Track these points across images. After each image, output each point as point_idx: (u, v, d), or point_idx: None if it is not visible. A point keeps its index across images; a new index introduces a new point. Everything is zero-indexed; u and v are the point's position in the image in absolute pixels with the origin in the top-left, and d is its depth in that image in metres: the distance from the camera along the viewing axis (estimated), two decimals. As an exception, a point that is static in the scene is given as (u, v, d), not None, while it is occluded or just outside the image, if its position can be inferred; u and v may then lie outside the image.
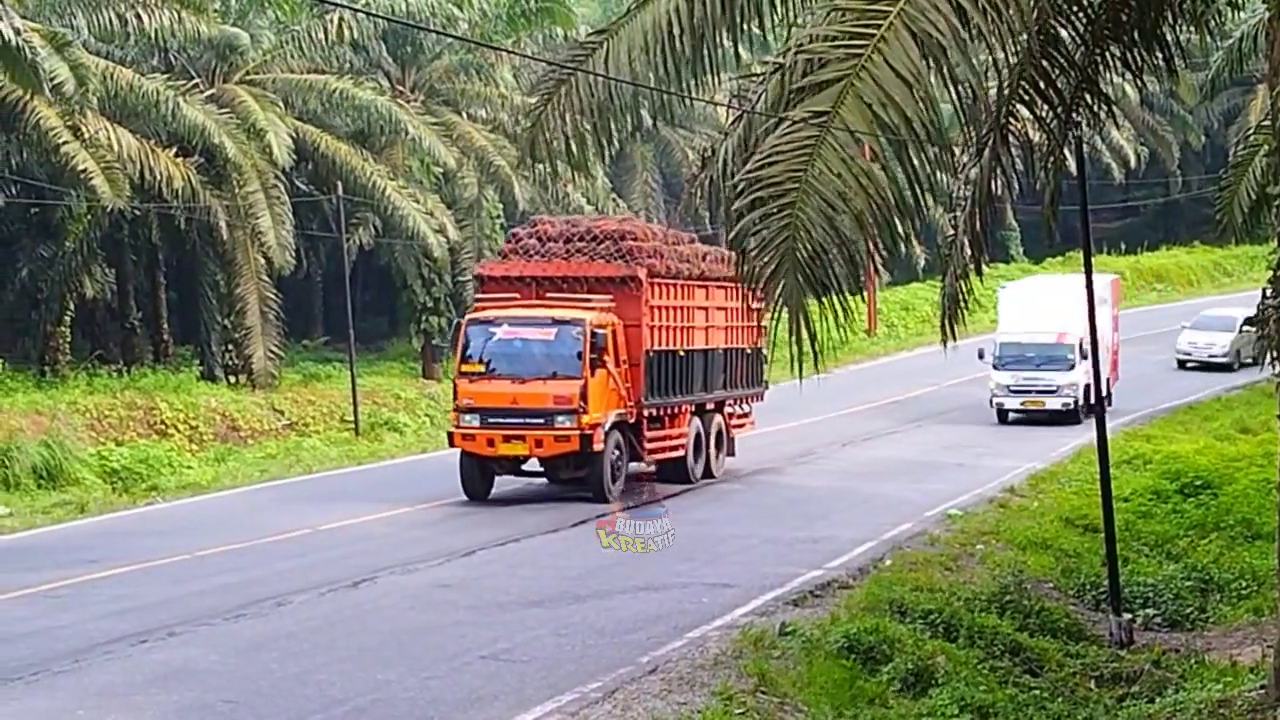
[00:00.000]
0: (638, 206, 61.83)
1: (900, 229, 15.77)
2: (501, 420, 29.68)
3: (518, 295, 31.06)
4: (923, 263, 65.00)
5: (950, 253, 21.05)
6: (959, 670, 17.90)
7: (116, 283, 48.06)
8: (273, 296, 46.03)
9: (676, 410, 32.36)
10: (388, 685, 16.75)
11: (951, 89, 16.39)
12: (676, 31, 17.32)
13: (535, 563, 24.42)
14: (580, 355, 29.74)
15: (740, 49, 20.27)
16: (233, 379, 45.65)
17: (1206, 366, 55.39)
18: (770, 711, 16.03)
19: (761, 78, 19.09)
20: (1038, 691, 18.13)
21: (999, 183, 19.47)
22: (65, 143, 39.11)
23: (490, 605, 20.87)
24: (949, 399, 47.10)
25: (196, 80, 43.82)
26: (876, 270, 17.17)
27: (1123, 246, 78.33)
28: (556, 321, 30.07)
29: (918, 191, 15.84)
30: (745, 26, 18.37)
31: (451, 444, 30.51)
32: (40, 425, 35.43)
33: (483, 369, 30.14)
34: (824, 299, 15.20)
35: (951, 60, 15.33)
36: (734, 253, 17.99)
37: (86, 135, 39.50)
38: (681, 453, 32.49)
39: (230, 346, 46.46)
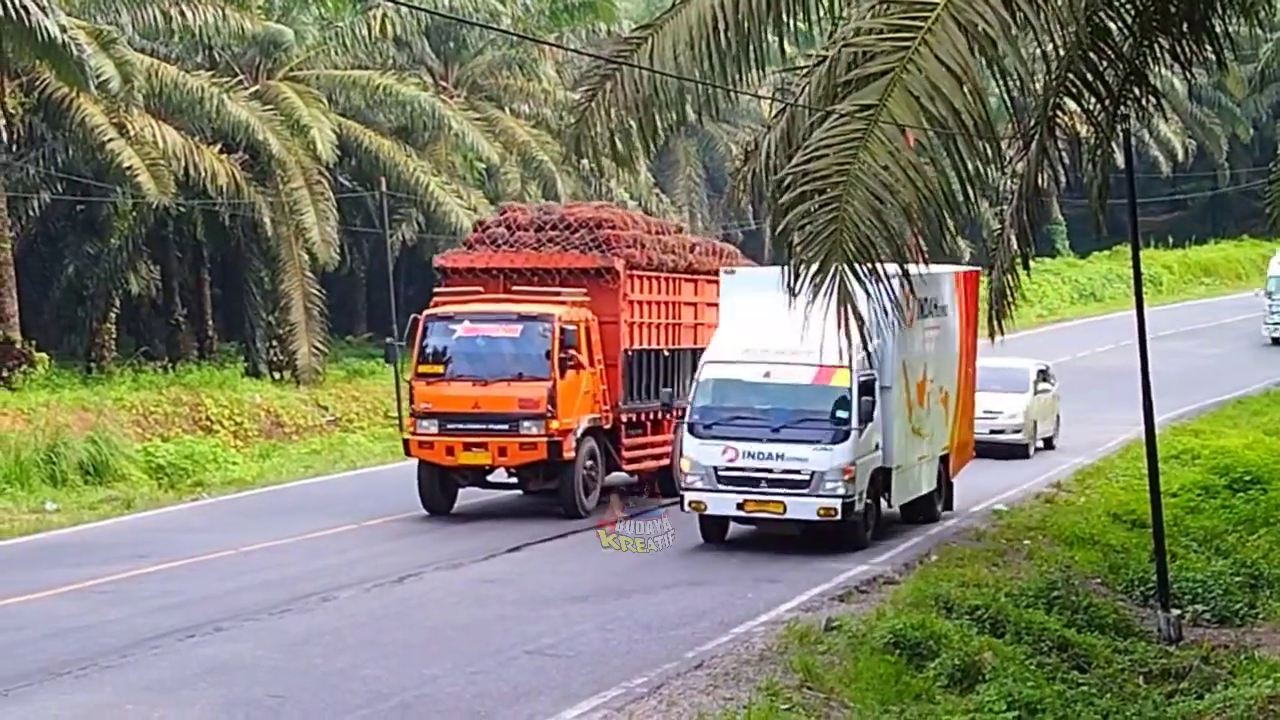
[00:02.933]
0: (681, 202, 61.79)
1: (947, 222, 15.72)
2: (462, 426, 26.92)
3: (481, 289, 28.24)
4: (967, 256, 64.67)
5: (997, 247, 21.00)
6: (1006, 666, 17.82)
7: (161, 279, 48.23)
8: (316, 292, 46.11)
9: (660, 415, 29.36)
10: (433, 680, 16.74)
11: (999, 81, 16.33)
12: (721, 26, 17.31)
13: (579, 558, 24.40)
14: (548, 354, 26.95)
15: (785, 43, 20.21)
16: (277, 375, 45.75)
17: None
18: (816, 707, 15.97)
19: (806, 71, 19.05)
20: (1085, 688, 18.04)
21: (1046, 176, 19.40)
22: (110, 140, 39.27)
23: (535, 600, 20.85)
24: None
25: (240, 77, 43.94)
26: (922, 264, 17.11)
27: (1170, 240, 77.92)
28: (522, 317, 27.29)
29: (965, 184, 15.78)
30: (790, 20, 18.33)
31: (408, 453, 27.81)
32: (87, 421, 35.56)
33: (442, 370, 27.40)
34: (869, 293, 15.16)
35: (999, 52, 15.27)
36: (780, 246, 17.93)
37: (132, 132, 39.64)
38: (666, 462, 29.17)
39: (274, 342, 46.57)
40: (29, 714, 15.45)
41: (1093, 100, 19.26)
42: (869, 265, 14.76)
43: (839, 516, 23.82)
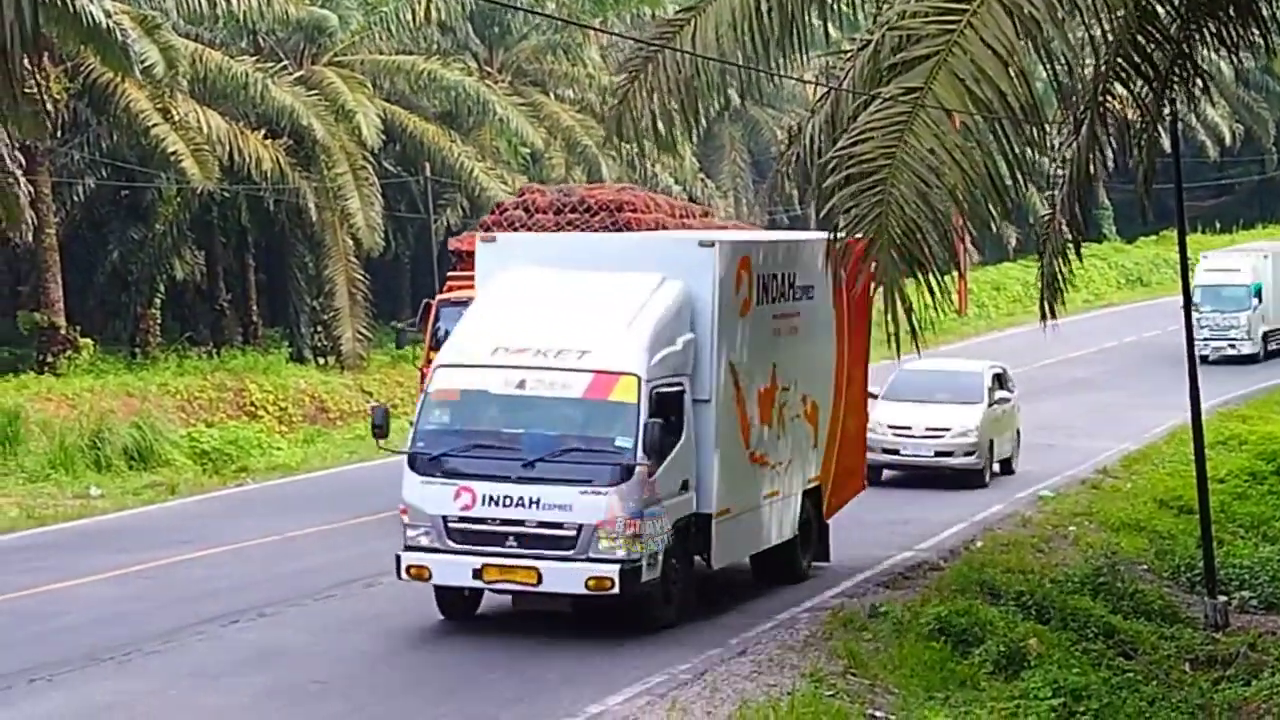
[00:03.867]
0: (726, 187, 61.64)
1: (994, 206, 15.63)
2: None
3: None
4: (1014, 242, 64.45)
5: (1047, 232, 20.86)
6: (1051, 653, 17.76)
7: (206, 265, 48.34)
8: (361, 278, 46.14)
9: None
10: (478, 666, 16.74)
11: (1047, 65, 16.22)
12: (765, 8, 17.23)
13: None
14: None
15: (829, 26, 20.12)
16: (321, 360, 45.81)
17: None
18: (860, 693, 15.92)
19: (850, 55, 18.95)
20: (1131, 674, 17.98)
21: (1095, 161, 19.25)
22: (155, 125, 39.34)
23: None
24: (1040, 380, 46.51)
25: (285, 62, 43.96)
26: (967, 249, 17.04)
27: (1217, 225, 77.41)
28: None
29: (1011, 169, 15.70)
30: (834, 3, 18.24)
31: None
32: (131, 407, 35.66)
33: None
34: (918, 276, 15.09)
35: (1047, 35, 15.17)
36: (825, 231, 17.83)
37: (176, 117, 39.71)
38: None
39: (319, 328, 46.62)
40: (73, 700, 15.50)
41: (1141, 84, 19.11)
42: (914, 248, 14.67)
43: (616, 589, 17.29)
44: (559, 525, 17.40)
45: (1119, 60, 18.45)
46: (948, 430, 29.56)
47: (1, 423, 32.13)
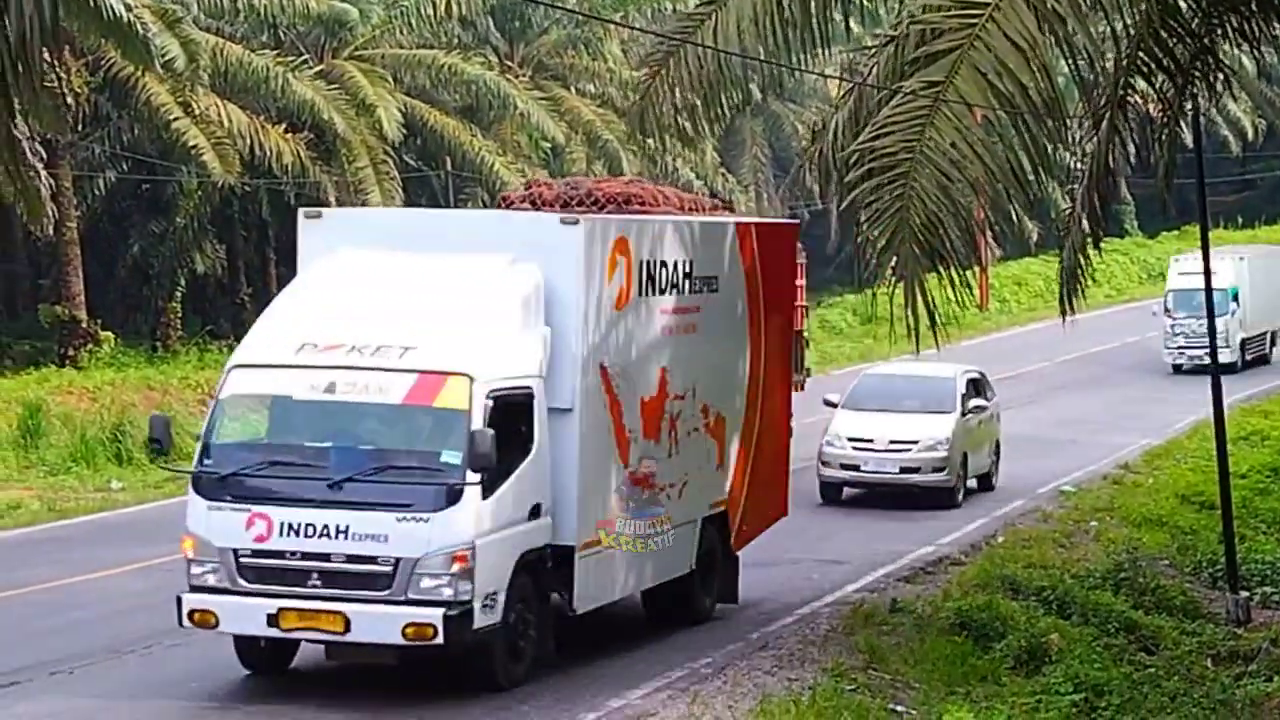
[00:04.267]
0: (747, 181, 61.56)
1: (1015, 201, 15.61)
2: None
3: None
4: (1035, 237, 64.28)
5: (1067, 227, 20.82)
6: (1073, 648, 17.74)
7: (227, 258, 48.36)
8: (381, 271, 46.16)
9: None
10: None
11: (1069, 60, 16.19)
12: (787, 2, 17.19)
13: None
14: None
15: (850, 21, 20.07)
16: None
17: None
18: (881, 688, 15.91)
19: (873, 50, 18.94)
20: (1153, 670, 17.95)
21: (1116, 156, 19.22)
22: (176, 119, 39.38)
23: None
24: (1062, 375, 46.53)
25: (306, 56, 43.98)
26: (989, 244, 17.02)
27: (1239, 220, 77.20)
28: None
29: (1033, 163, 15.68)
30: (856, -2, 18.21)
31: None
32: (152, 400, 35.71)
33: None
34: (939, 270, 15.06)
35: (1069, 30, 15.14)
36: (847, 224, 17.82)
37: (197, 111, 39.75)
38: None
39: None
40: (94, 692, 15.55)
41: (1162, 79, 19.06)
42: (935, 242, 14.66)
43: (440, 638, 14.60)
44: (372, 559, 14.59)
45: (1140, 54, 18.39)
46: (914, 444, 26.54)
47: (23, 416, 32.23)
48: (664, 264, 17.51)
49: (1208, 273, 22.71)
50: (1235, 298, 47.12)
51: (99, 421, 32.68)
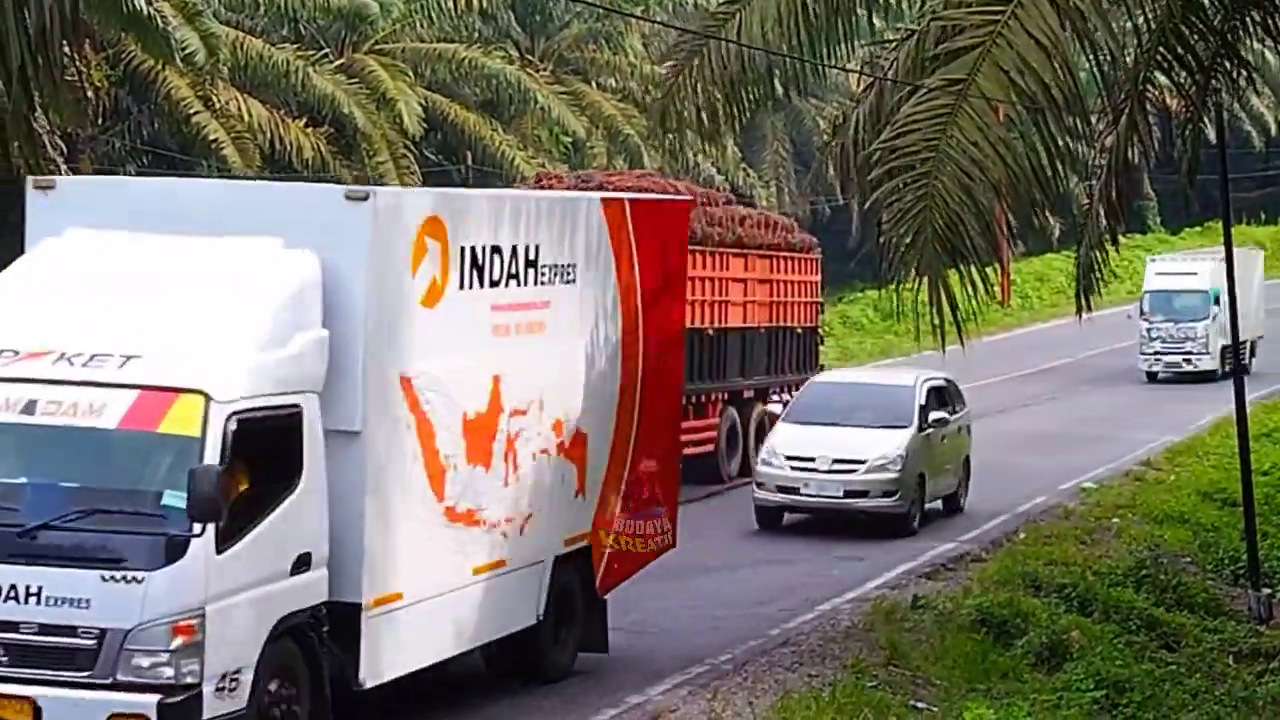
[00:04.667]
0: (768, 176, 61.54)
1: (1037, 198, 15.60)
2: None
3: None
4: (1057, 233, 64.12)
5: (1085, 222, 20.79)
6: (1094, 645, 17.73)
7: (248, 252, 48.50)
8: (402, 266, 46.23)
9: (704, 398, 27.58)
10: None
11: (1089, 55, 16.18)
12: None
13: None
14: None
15: (873, 17, 20.06)
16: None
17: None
18: (902, 684, 15.91)
19: (894, 44, 18.93)
20: (1174, 667, 17.92)
21: (1136, 151, 19.20)
22: (196, 113, 39.44)
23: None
24: (1085, 371, 46.53)
25: (326, 50, 44.03)
26: (1010, 241, 17.01)
27: (1263, 216, 77.06)
28: None
29: (1055, 160, 15.66)
30: (879, -6, 18.21)
31: None
32: (175, 393, 35.82)
33: None
34: (961, 269, 15.06)
35: (1090, 26, 15.13)
36: (869, 223, 17.82)
37: (217, 105, 39.81)
38: (709, 448, 27.45)
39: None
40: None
41: (1184, 74, 19.03)
42: (957, 240, 14.66)
43: None
44: (70, 630, 11.37)
45: (1161, 50, 18.37)
46: (860, 463, 23.58)
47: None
48: (497, 250, 14.38)
49: (1231, 272, 22.67)
50: (1217, 300, 43.31)
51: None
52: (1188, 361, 44.67)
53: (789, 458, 24.01)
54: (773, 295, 30.01)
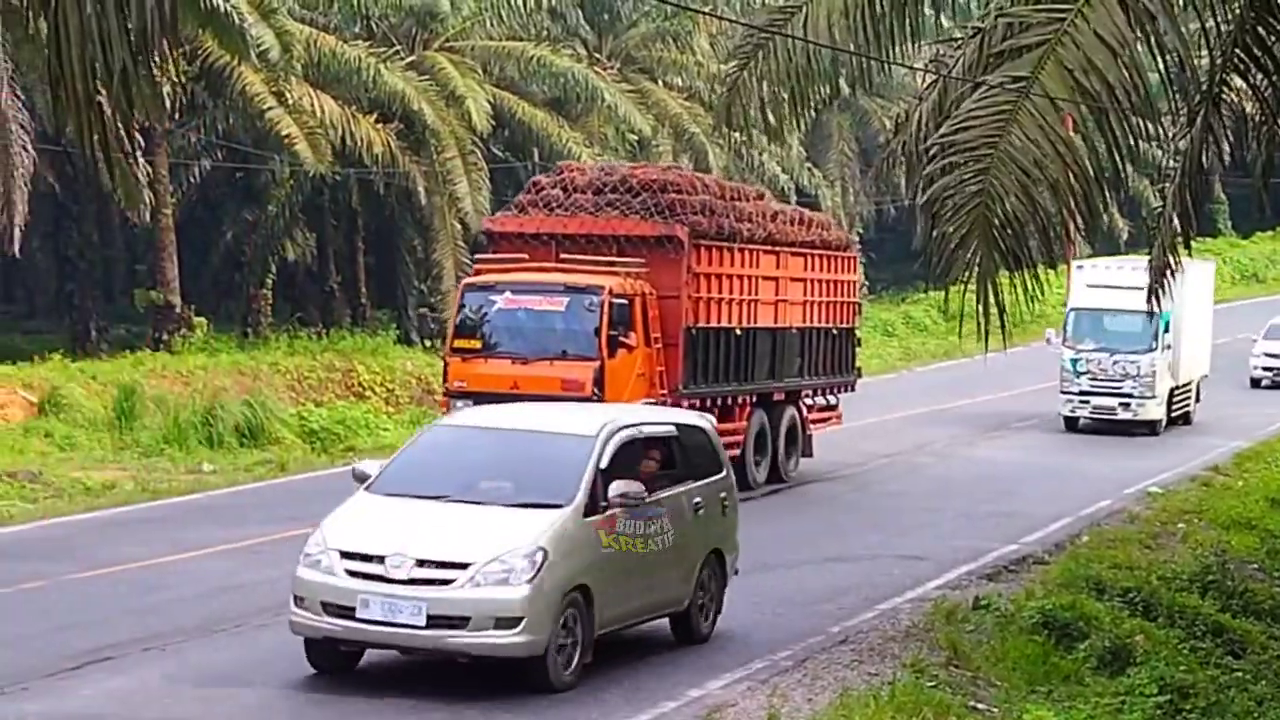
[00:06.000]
0: (833, 176, 61.44)
1: (1100, 200, 15.52)
2: None
3: (527, 256, 25.62)
4: (1125, 235, 63.85)
5: (1157, 225, 20.67)
6: (1158, 650, 17.61)
7: (317, 247, 48.81)
8: (469, 262, 46.25)
9: (731, 401, 26.87)
10: (578, 648, 16.77)
11: (1159, 58, 16.08)
12: (877, -4, 17.17)
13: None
14: (597, 331, 24.31)
15: (941, 15, 20.02)
16: (428, 343, 46.13)
17: None
18: (962, 685, 15.86)
19: (959, 43, 18.89)
20: (1240, 673, 17.79)
21: (1210, 154, 19.08)
22: (270, 108, 39.77)
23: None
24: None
25: (397, 47, 44.27)
26: (1076, 241, 16.94)
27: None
28: (569, 289, 24.64)
29: (1119, 161, 15.57)
30: (946, -10, 18.17)
31: None
32: (243, 385, 36.11)
33: (479, 345, 25.04)
34: (1014, 269, 14.99)
35: (1160, 27, 15.04)
36: (926, 218, 17.74)
37: (290, 101, 40.12)
38: (735, 452, 25.98)
39: (426, 311, 46.98)
40: (183, 668, 15.74)
41: (1260, 77, 18.90)
42: (1011, 240, 14.59)
43: None
44: None
45: (1237, 52, 18.25)
46: (460, 569, 14.30)
47: (118, 398, 32.72)
48: None
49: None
50: (1167, 326, 35.28)
51: (191, 405, 33.10)
52: (1125, 406, 35.28)
53: (345, 554, 14.60)
54: (806, 294, 29.08)
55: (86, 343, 40.41)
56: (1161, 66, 16.50)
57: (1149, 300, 19.20)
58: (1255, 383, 46.25)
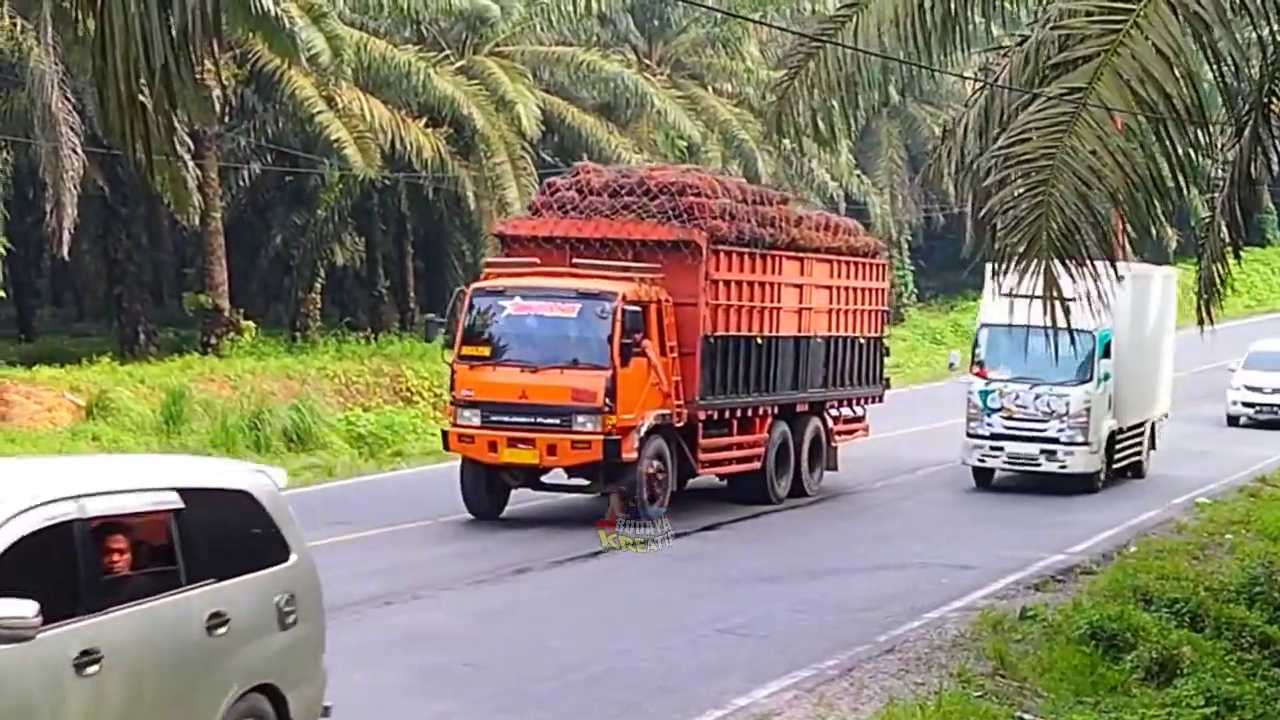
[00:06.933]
0: (882, 184, 61.38)
1: (1156, 209, 15.49)
2: (507, 419, 23.67)
3: (538, 260, 24.83)
4: (1174, 245, 63.57)
5: (1206, 235, 20.59)
6: (1205, 661, 17.52)
7: (365, 251, 49.00)
8: (518, 267, 46.49)
9: (751, 413, 26.15)
10: (623, 655, 16.84)
11: (1213, 66, 16.04)
12: (928, 5, 17.17)
13: (770, 539, 24.37)
14: (609, 339, 23.52)
15: (991, 25, 19.98)
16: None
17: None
18: (1009, 695, 15.83)
19: (1007, 51, 18.86)
20: (1287, 686, 17.67)
21: (1259, 164, 19.00)
22: (319, 112, 39.94)
23: (725, 579, 20.87)
24: (1199, 384, 45.96)
25: (447, 52, 44.41)
26: (1125, 251, 16.89)
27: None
28: (580, 295, 23.83)
29: (1175, 170, 15.54)
30: (997, 0, 18.15)
31: (447, 446, 24.75)
32: (291, 389, 36.24)
33: (487, 353, 24.23)
34: (1075, 280, 14.98)
35: (1214, 36, 14.99)
36: (984, 229, 17.71)
37: (340, 105, 40.29)
38: (756, 465, 26.12)
39: (475, 315, 47.02)
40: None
41: (1310, 86, 18.80)
42: (1073, 249, 14.58)
43: None
44: None
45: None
46: None
47: (167, 402, 32.87)
48: None
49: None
50: (1107, 350, 28.23)
51: (239, 409, 33.24)
52: (1049, 455, 27.94)
53: None
54: (832, 302, 28.23)
55: (135, 346, 40.62)
56: (1214, 77, 16.44)
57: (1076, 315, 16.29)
58: (1232, 420, 40.63)
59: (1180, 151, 15.33)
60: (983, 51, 22.54)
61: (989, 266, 24.51)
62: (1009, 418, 27.98)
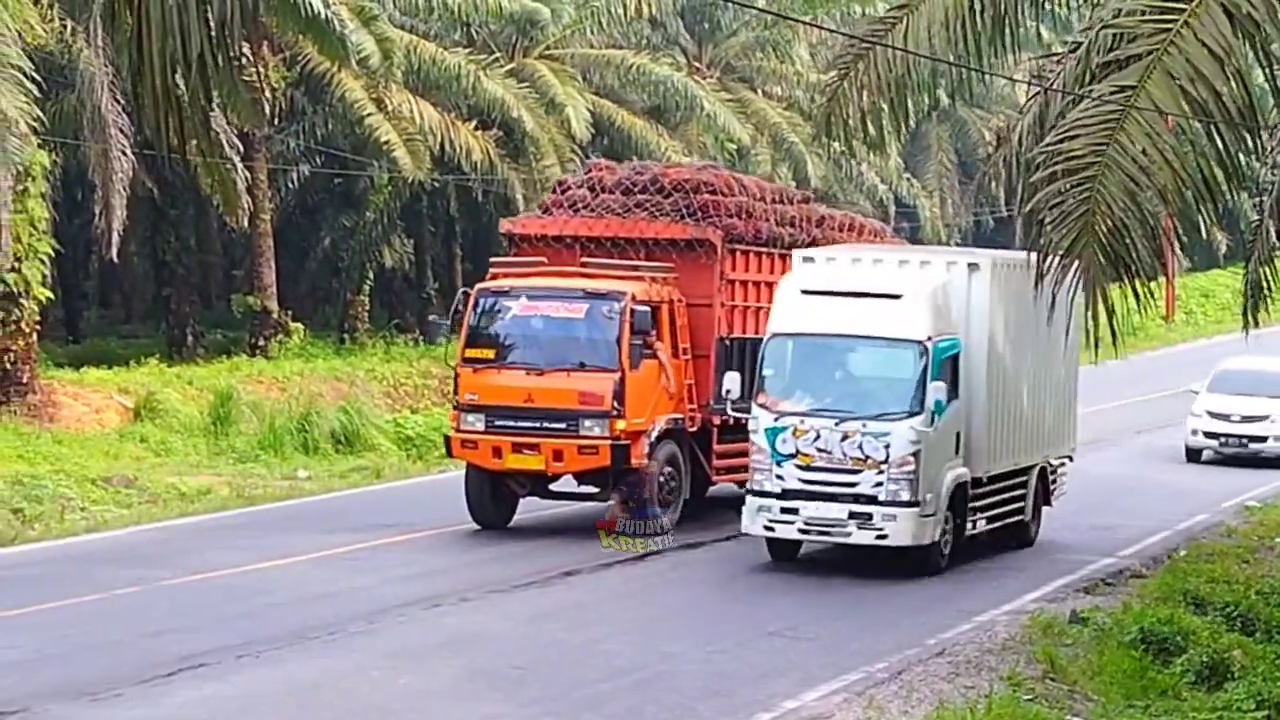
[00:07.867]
0: (932, 187, 61.24)
1: (1205, 210, 15.42)
2: (512, 423, 22.91)
3: (546, 260, 23.99)
4: (1224, 248, 63.22)
5: (1255, 238, 20.49)
6: (1256, 665, 17.43)
7: (414, 253, 49.08)
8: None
9: None
10: (672, 658, 16.83)
11: (1264, 66, 15.97)
12: (978, 7, 17.13)
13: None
14: (617, 341, 22.66)
15: (1041, 27, 19.93)
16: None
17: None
18: (1059, 699, 15.78)
19: (1060, 56, 18.80)
20: (1340, 691, 17.53)
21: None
22: (369, 115, 40.04)
23: (776, 582, 20.83)
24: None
25: (497, 54, 44.46)
26: (1175, 254, 16.82)
27: None
28: (588, 295, 23.01)
29: (1225, 172, 15.47)
30: (1047, 2, 18.10)
31: (450, 453, 24.30)
32: (339, 391, 36.34)
33: (492, 355, 23.37)
34: (1122, 277, 14.91)
35: (1265, 36, 14.92)
36: (1031, 227, 17.63)
37: (390, 108, 40.38)
38: None
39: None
40: (279, 676, 15.85)
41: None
42: (1120, 248, 14.51)
43: None
44: None
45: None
46: None
47: (215, 403, 32.96)
48: None
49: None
50: (942, 372, 20.45)
51: (287, 411, 33.31)
52: (862, 521, 20.28)
53: None
54: None
55: (183, 347, 40.80)
56: (1266, 77, 16.36)
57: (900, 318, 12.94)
58: (1192, 455, 33.34)
59: (1230, 152, 15.26)
60: (1035, 58, 22.43)
61: (799, 255, 22.43)
62: (806, 467, 20.48)
